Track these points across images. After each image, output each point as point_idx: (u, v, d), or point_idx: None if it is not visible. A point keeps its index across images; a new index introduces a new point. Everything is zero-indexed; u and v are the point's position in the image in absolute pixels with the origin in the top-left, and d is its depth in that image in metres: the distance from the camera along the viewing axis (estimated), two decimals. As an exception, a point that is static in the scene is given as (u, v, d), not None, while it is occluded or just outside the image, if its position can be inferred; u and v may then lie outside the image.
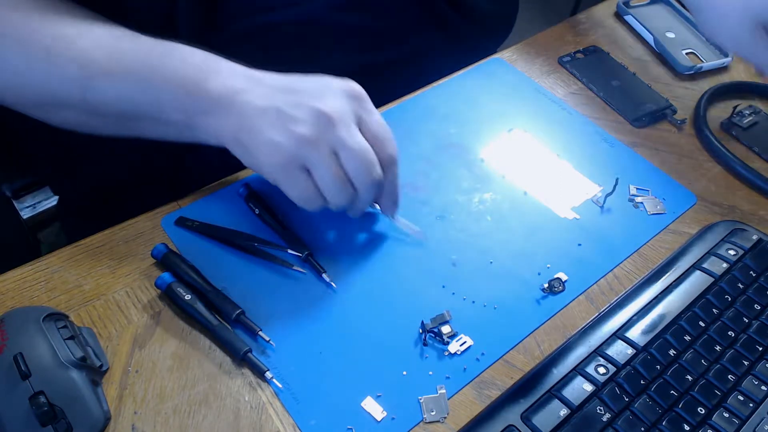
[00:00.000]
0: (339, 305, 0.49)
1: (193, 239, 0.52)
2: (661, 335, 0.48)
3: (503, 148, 0.61)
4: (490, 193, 0.57)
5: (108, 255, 0.50)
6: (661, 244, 0.56)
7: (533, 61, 0.71)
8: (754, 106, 0.68)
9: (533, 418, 0.43)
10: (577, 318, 0.50)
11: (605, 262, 0.54)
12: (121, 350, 0.45)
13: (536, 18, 2.03)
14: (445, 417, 0.44)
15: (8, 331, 0.41)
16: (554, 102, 0.66)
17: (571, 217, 0.56)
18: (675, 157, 0.63)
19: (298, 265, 0.50)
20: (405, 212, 0.55)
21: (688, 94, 0.69)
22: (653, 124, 0.66)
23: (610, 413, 0.43)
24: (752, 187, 0.60)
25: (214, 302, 0.47)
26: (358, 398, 0.44)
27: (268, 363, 0.45)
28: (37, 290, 0.48)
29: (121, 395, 0.43)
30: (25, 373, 0.39)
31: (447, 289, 0.51)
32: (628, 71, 0.71)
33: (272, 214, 0.53)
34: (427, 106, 0.64)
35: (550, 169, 0.60)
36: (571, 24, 0.77)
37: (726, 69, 0.73)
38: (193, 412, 0.43)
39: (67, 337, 0.42)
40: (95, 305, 0.47)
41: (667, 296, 0.51)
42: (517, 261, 0.53)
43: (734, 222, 0.57)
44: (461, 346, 0.47)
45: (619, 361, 0.46)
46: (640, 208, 0.58)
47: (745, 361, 0.47)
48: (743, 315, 0.50)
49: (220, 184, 0.56)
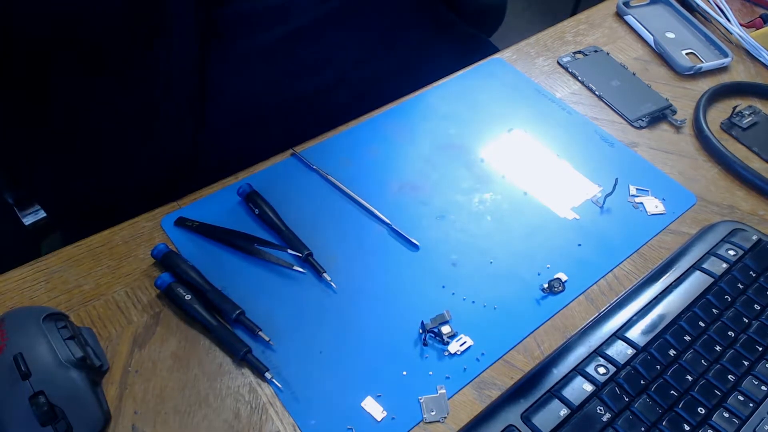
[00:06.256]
0: (339, 305, 0.49)
1: (193, 239, 0.52)
2: (661, 335, 0.48)
3: (503, 148, 0.61)
4: (490, 193, 0.58)
5: (108, 255, 0.50)
6: (660, 245, 0.56)
7: (533, 61, 0.71)
8: (754, 107, 0.68)
9: (533, 418, 0.43)
10: (577, 318, 0.50)
11: (605, 263, 0.54)
12: (121, 350, 0.45)
13: (536, 18, 2.03)
14: (445, 417, 0.44)
15: (8, 331, 0.41)
16: (554, 102, 0.66)
17: (571, 218, 0.56)
18: (675, 157, 0.63)
19: (298, 265, 0.50)
20: (405, 212, 0.55)
21: (687, 94, 0.69)
22: (653, 124, 0.66)
23: (610, 413, 0.43)
24: (752, 187, 0.60)
25: (214, 302, 0.47)
26: (358, 398, 0.44)
27: (268, 363, 0.45)
28: (37, 290, 0.48)
29: (121, 395, 0.43)
30: (25, 373, 0.39)
31: (447, 289, 0.51)
32: (628, 71, 0.71)
33: (272, 214, 0.53)
34: (427, 106, 0.64)
35: (550, 170, 0.60)
36: (571, 24, 0.77)
37: (726, 69, 0.73)
38: (193, 412, 0.43)
39: (67, 337, 0.42)
40: (95, 305, 0.47)
41: (666, 296, 0.51)
42: (517, 261, 0.53)
43: (734, 222, 0.57)
44: (461, 346, 0.47)
45: (619, 361, 0.46)
46: (640, 208, 0.58)
47: (745, 361, 0.47)
48: (743, 315, 0.50)
49: (220, 184, 0.56)
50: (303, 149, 0.59)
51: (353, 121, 0.62)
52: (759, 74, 0.73)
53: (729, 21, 0.77)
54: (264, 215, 0.53)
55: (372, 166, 0.58)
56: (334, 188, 0.56)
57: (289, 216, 0.53)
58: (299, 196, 0.55)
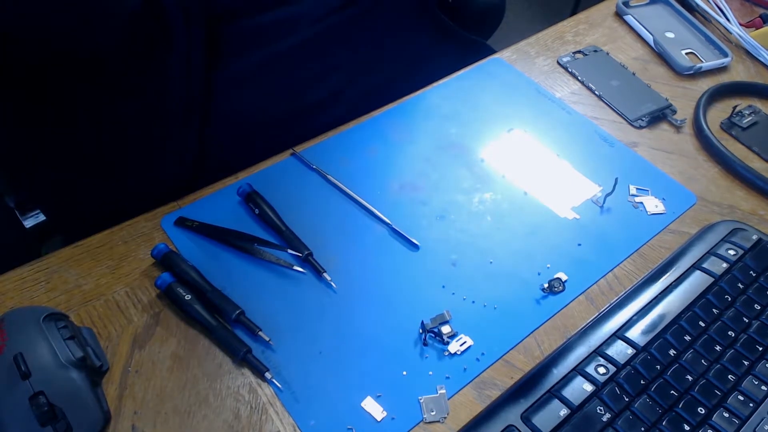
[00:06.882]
0: (339, 305, 0.49)
1: (193, 239, 0.52)
2: (661, 335, 0.48)
3: (503, 148, 0.61)
4: (490, 193, 0.57)
5: (108, 255, 0.50)
6: (661, 244, 0.56)
7: (533, 61, 0.71)
8: (754, 106, 0.68)
9: (533, 418, 0.43)
10: (577, 318, 0.50)
11: (605, 262, 0.54)
12: (121, 350, 0.45)
13: (536, 18, 2.03)
14: (445, 417, 0.44)
15: (8, 331, 0.41)
16: (554, 102, 0.66)
17: (571, 217, 0.56)
18: (675, 157, 0.63)
19: (298, 265, 0.50)
20: (405, 212, 0.55)
21: (687, 93, 0.69)
22: (653, 124, 0.66)
23: (610, 413, 0.43)
24: (752, 187, 0.60)
25: (214, 302, 0.47)
26: (358, 398, 0.44)
27: (268, 363, 0.45)
28: (37, 290, 0.48)
29: (121, 395, 0.43)
30: (25, 373, 0.39)
31: (447, 289, 0.51)
32: (627, 71, 0.71)
33: (272, 214, 0.53)
34: (427, 106, 0.64)
35: (550, 169, 0.60)
36: (571, 24, 0.77)
37: (726, 69, 0.73)
38: (193, 412, 0.43)
39: (67, 337, 0.42)
40: (95, 305, 0.47)
41: (667, 296, 0.51)
42: (517, 261, 0.53)
43: (734, 222, 0.57)
44: (461, 346, 0.47)
45: (619, 361, 0.46)
46: (640, 208, 0.58)
47: (745, 361, 0.47)
48: (743, 315, 0.50)
49: (220, 184, 0.56)
50: (303, 149, 0.59)
51: (353, 121, 0.62)
52: (759, 74, 0.73)
53: (729, 21, 0.77)
54: (264, 215, 0.53)
55: (372, 166, 0.58)
56: (334, 188, 0.56)
57: (289, 216, 0.53)
58: (299, 196, 0.55)
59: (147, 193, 0.56)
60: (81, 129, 0.59)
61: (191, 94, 0.56)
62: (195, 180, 0.58)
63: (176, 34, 0.52)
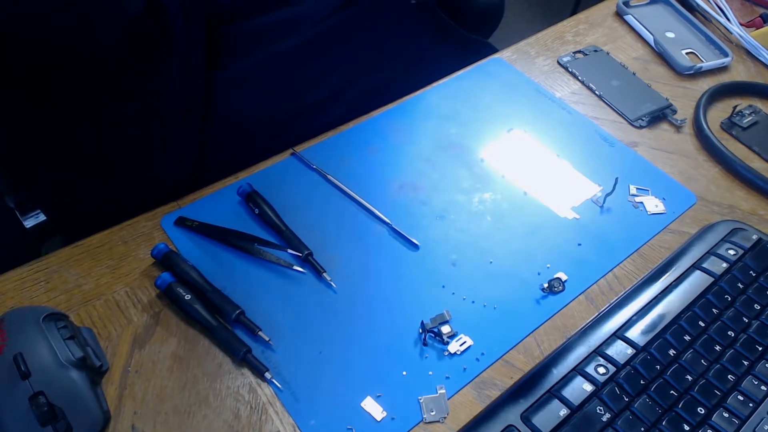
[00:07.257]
0: (339, 305, 0.49)
1: (193, 239, 0.52)
2: (661, 335, 0.48)
3: (503, 148, 0.61)
4: (490, 193, 0.57)
5: (108, 255, 0.50)
6: (660, 244, 0.56)
7: (533, 61, 0.71)
8: (754, 106, 0.68)
9: (533, 418, 0.43)
10: (577, 318, 0.50)
11: (605, 262, 0.54)
12: (120, 350, 0.45)
13: (536, 18, 2.02)
14: (445, 417, 0.44)
15: (8, 331, 0.41)
16: (554, 102, 0.66)
17: (571, 217, 0.56)
18: (675, 156, 0.63)
19: (298, 265, 0.50)
20: (405, 212, 0.55)
21: (687, 93, 0.69)
22: (653, 124, 0.66)
23: (610, 413, 0.43)
24: (752, 187, 0.60)
25: (214, 302, 0.47)
26: (358, 398, 0.44)
27: (268, 363, 0.45)
28: (37, 290, 0.48)
29: (121, 395, 0.43)
30: (25, 373, 0.39)
31: (447, 289, 0.51)
32: (627, 71, 0.71)
33: (272, 213, 0.53)
34: (427, 106, 0.64)
35: (550, 169, 0.60)
36: (571, 24, 0.77)
37: (726, 69, 0.73)
38: (193, 412, 0.43)
39: (67, 337, 0.42)
40: (95, 305, 0.47)
41: (666, 296, 0.51)
42: (517, 261, 0.53)
43: (734, 222, 0.57)
44: (461, 346, 0.47)
45: (619, 361, 0.46)
46: (640, 208, 0.58)
47: (745, 361, 0.47)
48: (743, 315, 0.50)
49: (220, 183, 0.56)
50: (303, 149, 0.59)
51: (353, 121, 0.62)
52: (759, 74, 0.73)
53: (729, 20, 0.77)
54: (264, 215, 0.53)
55: (372, 165, 0.58)
56: (334, 188, 0.56)
57: (289, 216, 0.53)
58: (299, 196, 0.55)
59: (147, 193, 0.56)
60: (81, 129, 0.59)
61: (191, 95, 0.56)
62: (195, 180, 0.58)
63: (176, 35, 0.52)
